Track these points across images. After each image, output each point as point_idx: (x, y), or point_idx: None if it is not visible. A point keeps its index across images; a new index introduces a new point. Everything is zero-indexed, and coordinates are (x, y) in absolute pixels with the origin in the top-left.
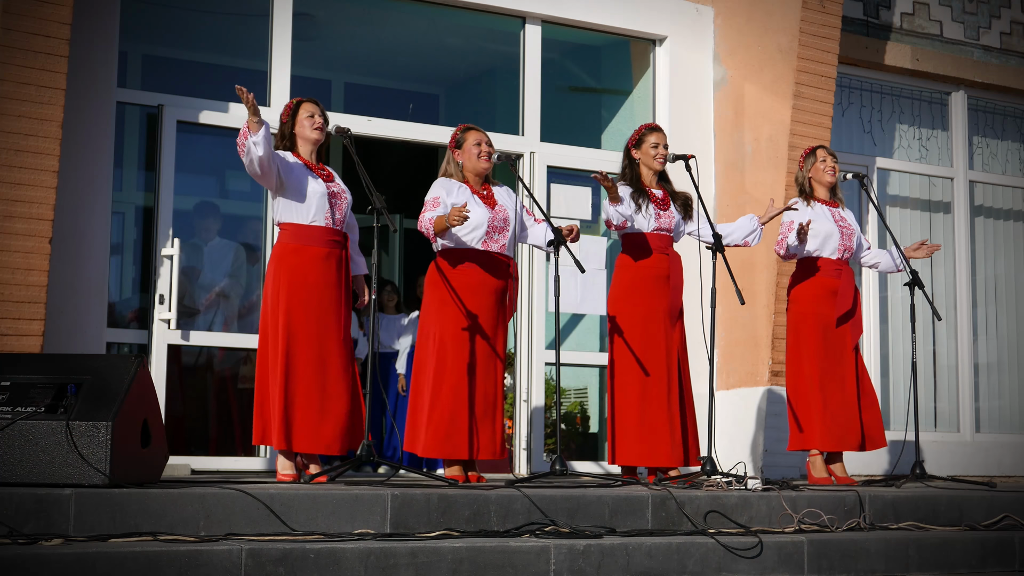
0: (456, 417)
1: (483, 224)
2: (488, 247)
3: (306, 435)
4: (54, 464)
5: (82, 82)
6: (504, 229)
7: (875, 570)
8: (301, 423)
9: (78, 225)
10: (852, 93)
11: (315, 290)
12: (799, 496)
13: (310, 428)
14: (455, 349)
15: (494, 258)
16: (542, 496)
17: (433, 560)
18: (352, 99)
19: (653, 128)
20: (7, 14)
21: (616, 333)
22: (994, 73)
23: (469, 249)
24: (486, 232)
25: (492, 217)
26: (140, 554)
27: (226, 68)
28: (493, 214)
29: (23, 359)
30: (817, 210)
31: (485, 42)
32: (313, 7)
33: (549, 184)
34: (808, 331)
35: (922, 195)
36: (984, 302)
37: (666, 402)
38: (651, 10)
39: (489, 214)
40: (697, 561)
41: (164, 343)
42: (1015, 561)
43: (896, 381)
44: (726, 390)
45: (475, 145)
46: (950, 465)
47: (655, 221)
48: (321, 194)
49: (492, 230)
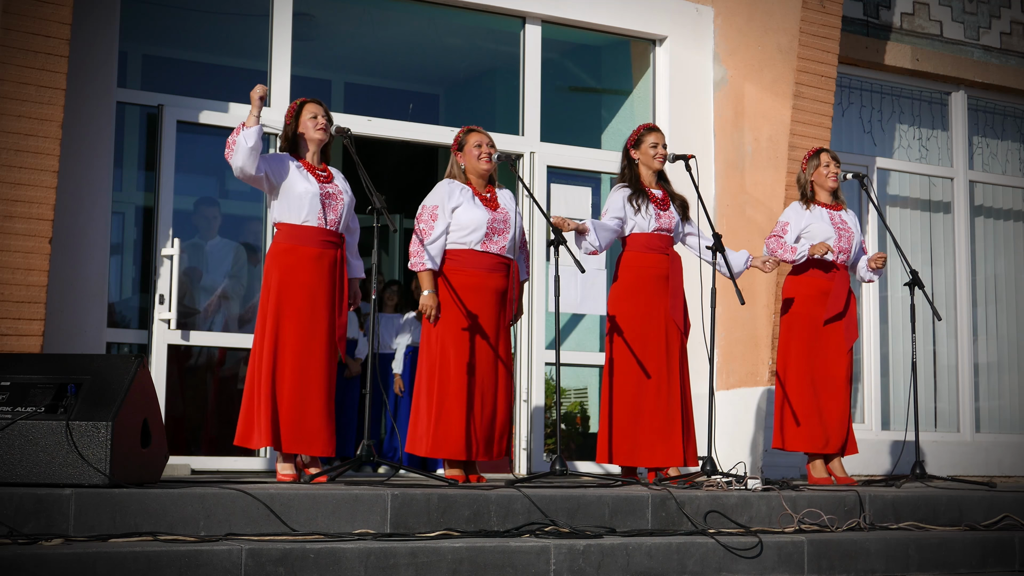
0: (456, 417)
1: (482, 226)
2: (487, 248)
3: (289, 435)
4: (54, 464)
5: (82, 82)
6: (504, 231)
7: (875, 570)
8: (288, 424)
9: (78, 225)
10: (852, 93)
11: (305, 290)
12: (799, 496)
13: (296, 429)
14: (456, 349)
15: (494, 259)
16: (542, 496)
17: (433, 560)
18: (352, 99)
19: (651, 128)
20: (7, 14)
21: (615, 333)
22: (994, 73)
23: (468, 250)
24: (485, 234)
25: (492, 219)
26: (140, 554)
27: (226, 68)
28: (493, 216)
29: (23, 359)
30: (815, 213)
31: (485, 42)
32: (313, 7)
33: (549, 184)
34: (798, 332)
35: (922, 195)
36: (984, 302)
37: (665, 402)
38: (651, 10)
39: (489, 216)
40: (697, 561)
41: (164, 343)
42: (1015, 561)
43: (896, 381)
44: (726, 390)
45: (475, 147)
46: (950, 465)
47: (655, 221)
48: (313, 194)
49: (491, 231)
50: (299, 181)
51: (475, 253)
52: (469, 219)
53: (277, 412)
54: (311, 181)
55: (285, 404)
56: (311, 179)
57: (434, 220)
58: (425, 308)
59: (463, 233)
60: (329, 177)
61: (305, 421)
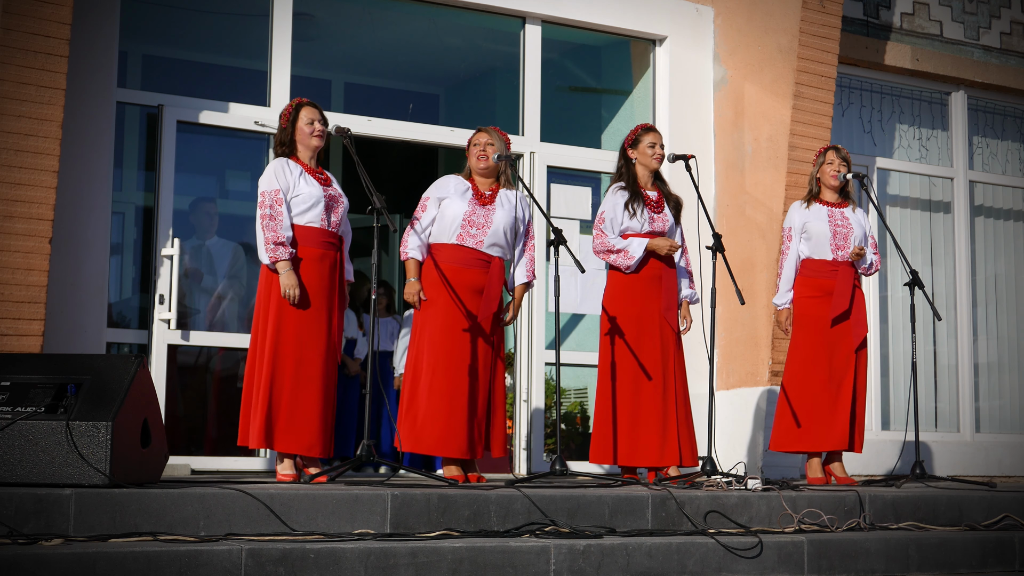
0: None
1: (458, 219)
2: (463, 242)
3: (285, 435)
4: (54, 464)
5: (82, 82)
6: (484, 226)
7: (875, 570)
8: (282, 423)
9: (78, 225)
10: (852, 93)
11: (308, 290)
12: (799, 496)
13: (290, 428)
14: (430, 345)
15: (470, 253)
16: (542, 496)
17: (433, 560)
18: (352, 99)
19: (649, 128)
20: (7, 14)
21: (608, 333)
22: (994, 73)
23: (448, 244)
24: (461, 226)
25: (470, 212)
26: (140, 554)
27: (226, 68)
28: (475, 211)
29: (23, 359)
30: (813, 211)
31: (485, 42)
32: (313, 7)
33: (549, 184)
34: (806, 333)
35: (922, 195)
36: (984, 302)
37: (660, 402)
38: (651, 10)
39: (468, 210)
40: (697, 561)
41: (164, 343)
42: (1015, 561)
43: (896, 381)
44: (726, 390)
45: (474, 146)
46: (950, 465)
47: (649, 225)
48: (318, 197)
49: (468, 225)
50: (304, 185)
51: (453, 247)
52: (450, 212)
53: (271, 412)
54: (314, 184)
55: (282, 404)
56: (313, 182)
57: (423, 211)
58: (408, 296)
59: (443, 226)
60: (328, 180)
61: (301, 422)
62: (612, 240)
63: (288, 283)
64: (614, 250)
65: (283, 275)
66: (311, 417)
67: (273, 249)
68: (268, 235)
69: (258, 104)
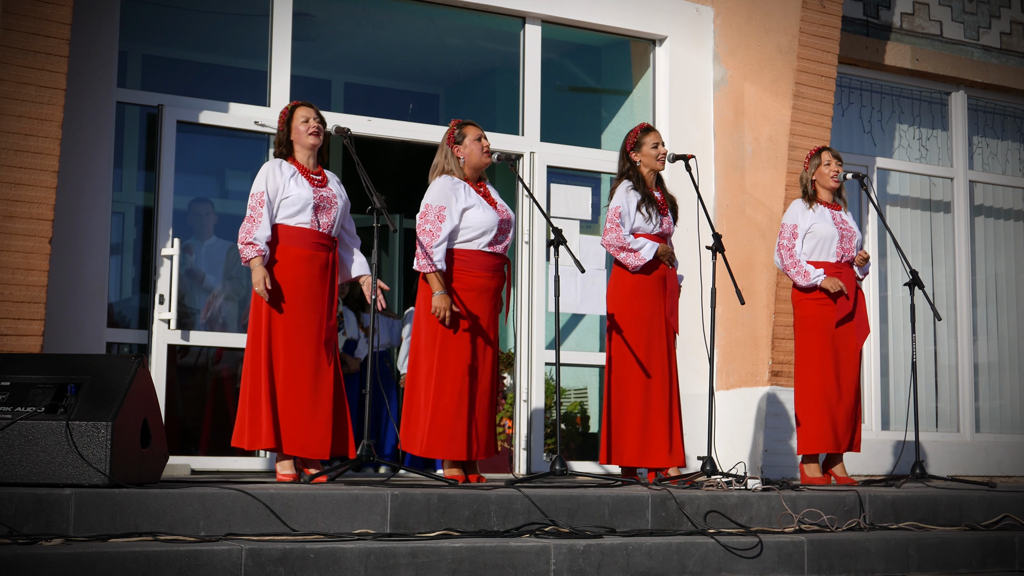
0: (458, 418)
1: (493, 228)
2: (494, 250)
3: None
4: (54, 464)
5: (82, 82)
6: (508, 231)
7: (875, 570)
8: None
9: (78, 225)
10: (852, 93)
11: (293, 290)
12: (799, 496)
13: (287, 429)
14: (456, 350)
15: (498, 260)
16: (542, 496)
17: (433, 560)
18: (352, 99)
19: (648, 128)
20: (7, 14)
21: (615, 333)
22: (994, 73)
23: (476, 251)
24: (495, 236)
25: (501, 220)
26: (140, 554)
27: (226, 68)
28: (501, 217)
29: (23, 359)
30: (819, 212)
31: (485, 42)
32: (313, 7)
33: (549, 184)
34: (814, 335)
35: (922, 195)
36: (984, 302)
37: (666, 403)
38: (651, 10)
39: (498, 218)
40: (697, 561)
41: (164, 343)
42: (1015, 561)
43: (896, 381)
44: (726, 390)
45: (476, 140)
46: (950, 465)
47: (659, 227)
48: (307, 199)
49: (500, 232)
50: (294, 187)
51: (483, 254)
52: (481, 221)
53: (278, 414)
54: (304, 186)
55: (281, 406)
56: (304, 183)
57: (441, 221)
58: (438, 310)
59: (473, 235)
60: (324, 181)
61: (297, 423)
62: (627, 237)
63: (255, 279)
64: (628, 248)
65: (253, 272)
66: (305, 419)
67: (241, 249)
68: (241, 235)
69: (258, 104)
